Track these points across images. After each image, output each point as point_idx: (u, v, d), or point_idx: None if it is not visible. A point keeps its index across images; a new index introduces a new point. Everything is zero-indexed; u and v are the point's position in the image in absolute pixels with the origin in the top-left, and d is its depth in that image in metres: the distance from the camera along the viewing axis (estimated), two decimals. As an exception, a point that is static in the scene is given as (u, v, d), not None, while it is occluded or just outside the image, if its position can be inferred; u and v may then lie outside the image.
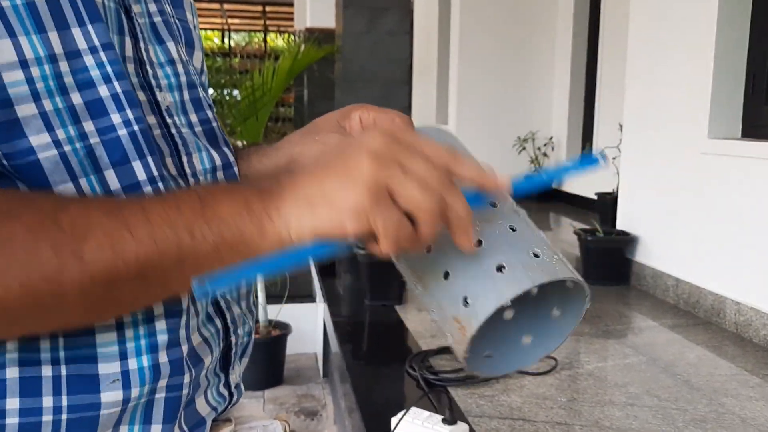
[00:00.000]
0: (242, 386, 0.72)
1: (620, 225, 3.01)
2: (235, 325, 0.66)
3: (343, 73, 2.80)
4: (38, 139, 0.48)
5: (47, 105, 0.49)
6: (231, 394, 0.68)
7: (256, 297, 3.13)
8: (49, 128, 0.49)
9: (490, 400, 1.63)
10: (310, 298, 3.62)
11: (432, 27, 7.12)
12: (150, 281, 0.48)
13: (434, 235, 0.48)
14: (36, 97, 0.48)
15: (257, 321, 3.15)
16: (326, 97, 4.20)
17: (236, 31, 14.25)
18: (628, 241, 2.86)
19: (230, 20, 13.11)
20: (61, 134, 0.49)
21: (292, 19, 10.00)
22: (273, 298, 3.24)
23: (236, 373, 0.69)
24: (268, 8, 12.41)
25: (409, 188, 0.47)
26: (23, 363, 0.50)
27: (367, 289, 2.51)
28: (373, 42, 2.66)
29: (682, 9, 2.57)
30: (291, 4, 9.24)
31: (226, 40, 13.75)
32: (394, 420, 1.40)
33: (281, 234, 0.48)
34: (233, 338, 0.66)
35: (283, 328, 3.25)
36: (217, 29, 13.72)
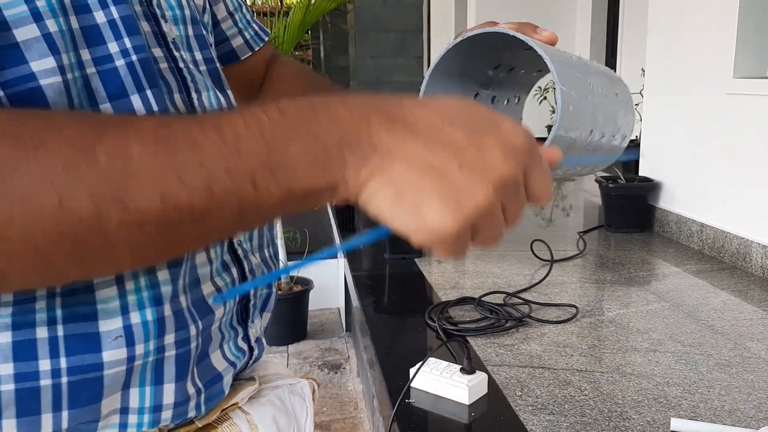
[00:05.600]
0: (264, 341, 0.69)
1: (643, 171, 2.95)
2: (254, 275, 0.63)
3: (356, 24, 2.74)
4: (41, 63, 0.43)
5: (51, 25, 0.44)
6: (251, 349, 0.65)
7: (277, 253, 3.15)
8: (54, 51, 0.44)
9: (509, 349, 1.62)
10: (330, 253, 3.63)
11: (448, -26, 6.94)
12: (205, 230, 0.41)
13: None
14: (37, 17, 0.43)
15: (279, 278, 3.17)
16: (342, 50, 4.14)
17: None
18: (650, 187, 2.80)
19: (244, -22, 12.85)
20: (65, 59, 0.45)
21: (306, -27, 9.81)
22: (294, 254, 3.26)
23: (256, 327, 0.66)
24: (281, -37, 12.16)
25: (487, 235, 0.45)
26: (16, 327, 0.47)
27: (386, 242, 2.50)
28: (386, -10, 2.59)
29: (707, -58, 2.45)
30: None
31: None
32: (412, 371, 1.40)
33: (351, 196, 0.43)
34: (252, 289, 0.64)
35: (305, 284, 3.27)
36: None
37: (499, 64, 0.57)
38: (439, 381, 1.36)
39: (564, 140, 0.48)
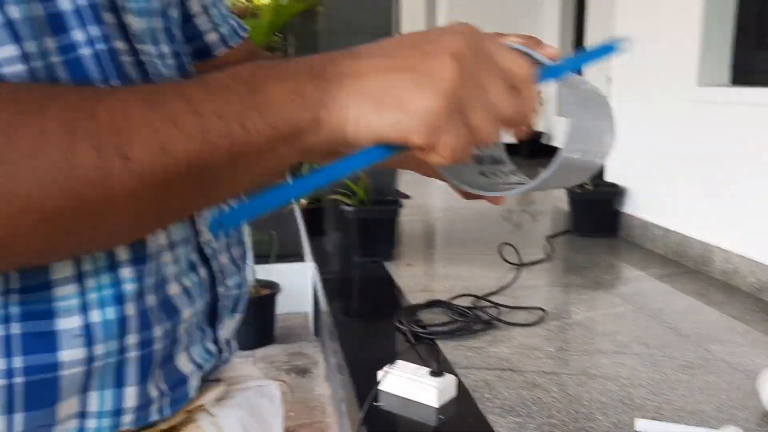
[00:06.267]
0: (234, 343, 0.67)
1: (609, 177, 2.99)
2: (223, 275, 0.61)
3: (326, 26, 2.74)
4: (3, 51, 0.42)
5: (14, 12, 0.43)
6: (220, 351, 0.63)
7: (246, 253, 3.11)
8: (17, 39, 0.43)
9: (478, 351, 1.62)
10: (299, 257, 3.60)
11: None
12: (202, 182, 0.43)
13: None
14: (0, 4, 0.42)
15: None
16: (312, 52, 4.10)
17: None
18: (616, 192, 2.85)
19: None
20: (30, 47, 0.44)
21: (276, -24, 9.78)
22: (261, 257, 3.23)
23: (226, 329, 0.64)
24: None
25: (480, 116, 0.44)
26: None
27: (355, 245, 2.49)
28: (357, -7, 2.60)
29: (672, -47, 2.51)
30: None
31: None
32: (380, 373, 1.39)
33: (336, 127, 0.43)
34: (221, 289, 0.61)
35: (272, 288, 3.23)
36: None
37: None
38: (408, 384, 1.36)
39: (567, 161, 0.50)
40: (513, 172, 0.60)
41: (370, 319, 2.01)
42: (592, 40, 5.12)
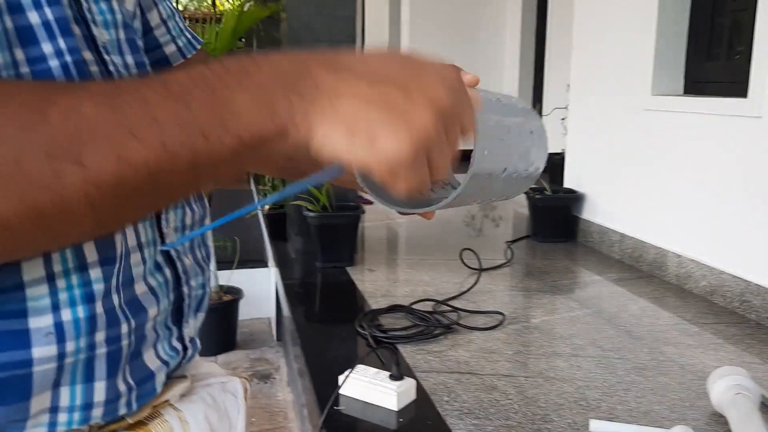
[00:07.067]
0: (198, 341, 0.70)
1: (568, 183, 3.05)
2: (187, 276, 0.64)
3: (288, 33, 2.74)
4: None
5: None
6: (185, 348, 0.66)
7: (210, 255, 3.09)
8: None
9: (438, 355, 1.64)
10: (262, 262, 3.59)
11: (383, -13, 7.03)
12: (163, 187, 0.43)
13: None
14: None
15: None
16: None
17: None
18: (574, 198, 2.90)
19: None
20: (0, 58, 0.44)
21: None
22: (223, 263, 3.21)
23: (191, 327, 0.67)
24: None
25: (440, 160, 0.46)
26: None
27: (318, 251, 2.50)
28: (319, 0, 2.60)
29: (627, -34, 2.58)
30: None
31: (174, 4, 13.28)
32: (341, 378, 1.40)
33: (302, 141, 0.44)
34: (185, 289, 0.63)
35: (235, 293, 3.22)
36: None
37: None
38: (368, 388, 1.37)
39: (481, 177, 0.52)
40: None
41: (332, 324, 2.02)
42: (553, 47, 5.22)
